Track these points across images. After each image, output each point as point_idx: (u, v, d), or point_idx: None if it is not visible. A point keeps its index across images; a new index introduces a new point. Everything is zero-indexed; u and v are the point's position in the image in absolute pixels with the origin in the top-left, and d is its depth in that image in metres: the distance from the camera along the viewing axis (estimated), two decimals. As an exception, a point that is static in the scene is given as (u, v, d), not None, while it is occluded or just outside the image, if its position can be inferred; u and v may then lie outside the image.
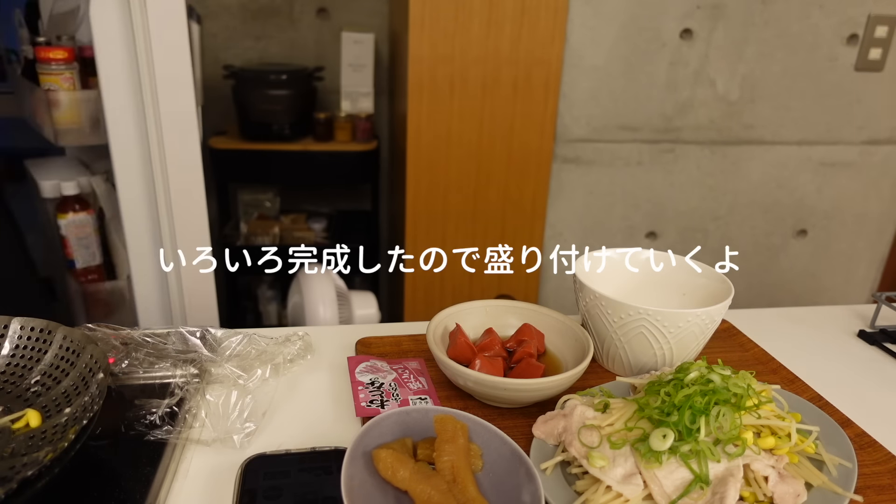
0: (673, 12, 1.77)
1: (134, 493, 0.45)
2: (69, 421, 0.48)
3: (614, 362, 0.64)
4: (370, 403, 0.56)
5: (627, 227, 2.01)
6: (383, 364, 0.62)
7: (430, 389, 0.59)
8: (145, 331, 0.65)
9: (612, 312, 0.60)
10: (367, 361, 0.63)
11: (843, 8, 1.82)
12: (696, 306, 0.63)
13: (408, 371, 0.61)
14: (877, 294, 0.76)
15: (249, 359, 0.65)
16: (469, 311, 0.65)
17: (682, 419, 0.45)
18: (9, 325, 0.56)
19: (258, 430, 0.55)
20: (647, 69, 1.82)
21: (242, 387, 0.60)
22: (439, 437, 0.47)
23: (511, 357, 0.61)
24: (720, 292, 0.63)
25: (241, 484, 0.46)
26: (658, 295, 0.70)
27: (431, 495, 0.43)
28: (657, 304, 0.59)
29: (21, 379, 0.53)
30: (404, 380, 0.60)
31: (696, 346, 0.61)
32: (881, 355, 0.71)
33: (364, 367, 0.62)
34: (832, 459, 0.48)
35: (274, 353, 0.65)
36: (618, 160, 1.94)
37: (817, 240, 2.12)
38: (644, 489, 0.44)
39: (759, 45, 1.84)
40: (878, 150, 2.03)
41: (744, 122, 1.93)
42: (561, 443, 0.50)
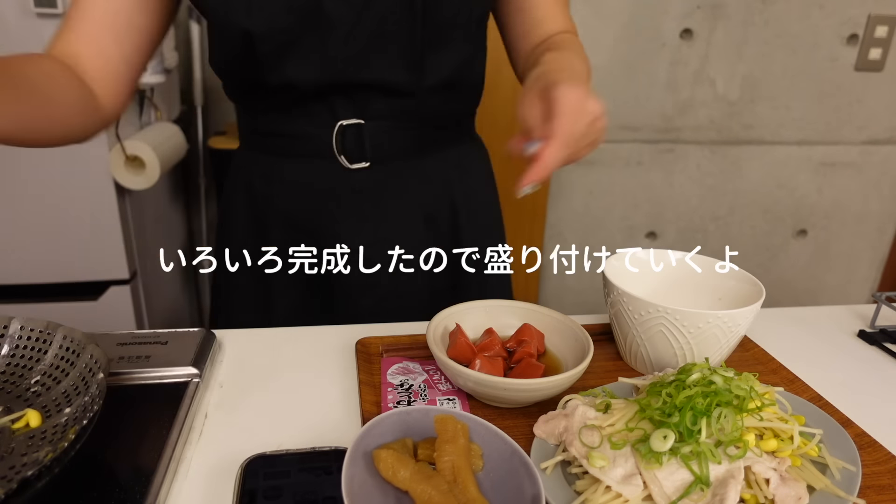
0: (673, 12, 1.77)
1: (134, 493, 0.45)
2: (69, 421, 0.48)
3: (636, 359, 0.64)
4: (397, 405, 0.56)
5: (627, 227, 2.02)
6: (416, 365, 0.62)
7: (460, 391, 0.59)
8: (145, 331, 0.65)
9: (633, 309, 0.60)
10: (400, 363, 0.63)
11: (843, 8, 1.82)
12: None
13: (440, 372, 0.62)
14: (877, 294, 0.76)
15: (249, 358, 0.65)
16: (469, 311, 0.65)
17: (684, 420, 0.45)
18: (9, 325, 0.56)
19: (258, 430, 0.55)
20: (647, 69, 1.82)
21: (242, 387, 0.60)
22: (440, 437, 0.47)
23: (511, 357, 0.61)
24: (752, 297, 0.63)
25: (241, 484, 0.46)
26: (694, 297, 0.69)
27: (432, 495, 0.43)
28: (690, 307, 0.59)
29: (21, 379, 0.53)
30: (435, 381, 0.60)
31: (720, 348, 0.60)
32: (881, 355, 0.71)
33: (396, 368, 0.62)
34: (836, 463, 0.48)
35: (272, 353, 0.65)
36: (618, 160, 1.94)
37: (817, 240, 2.12)
38: (644, 490, 0.44)
39: (759, 45, 1.84)
40: (878, 150, 2.03)
41: (744, 122, 1.93)
42: (561, 442, 0.50)
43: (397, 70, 0.71)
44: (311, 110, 0.74)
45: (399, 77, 0.71)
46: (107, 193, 1.52)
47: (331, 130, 0.74)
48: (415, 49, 0.70)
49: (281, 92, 0.72)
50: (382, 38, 0.69)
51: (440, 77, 0.74)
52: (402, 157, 0.78)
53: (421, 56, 0.71)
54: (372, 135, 0.75)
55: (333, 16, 0.66)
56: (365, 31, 0.68)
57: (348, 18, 0.67)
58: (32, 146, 0.59)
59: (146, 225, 1.69)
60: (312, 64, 0.69)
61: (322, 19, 0.66)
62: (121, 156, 1.48)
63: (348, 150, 0.75)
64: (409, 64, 0.71)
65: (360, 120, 0.74)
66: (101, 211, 1.53)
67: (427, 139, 0.79)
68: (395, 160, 0.77)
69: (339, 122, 0.74)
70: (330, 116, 0.74)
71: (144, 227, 1.68)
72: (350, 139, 0.75)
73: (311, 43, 0.68)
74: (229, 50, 0.70)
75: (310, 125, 0.75)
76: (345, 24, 0.67)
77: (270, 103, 0.75)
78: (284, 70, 0.69)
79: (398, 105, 0.74)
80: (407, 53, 0.70)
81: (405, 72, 0.71)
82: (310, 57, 0.69)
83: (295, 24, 0.66)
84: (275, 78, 0.70)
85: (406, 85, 0.72)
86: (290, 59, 0.69)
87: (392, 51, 0.70)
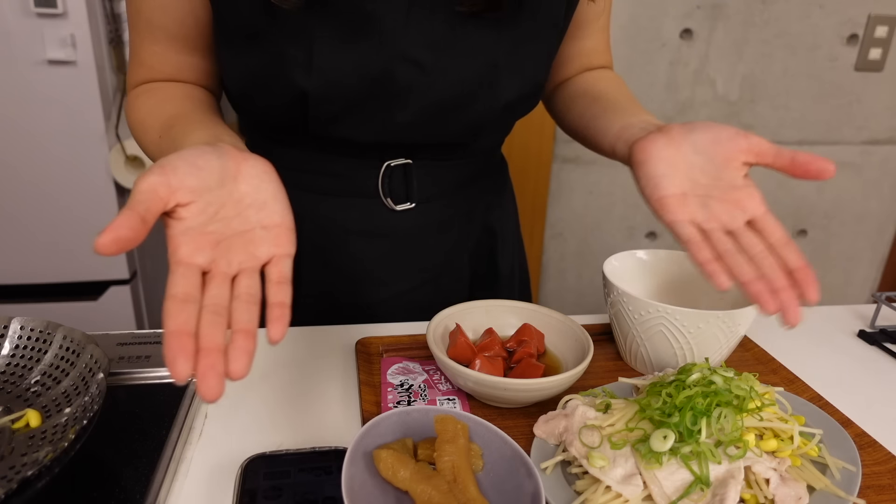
0: (673, 12, 1.77)
1: (134, 493, 0.45)
2: (69, 421, 0.48)
3: (636, 359, 0.64)
4: (397, 405, 0.56)
5: (627, 228, 2.02)
6: (415, 365, 0.62)
7: (459, 391, 0.59)
8: (145, 331, 0.65)
9: (633, 309, 0.60)
10: (400, 363, 0.63)
11: (843, 8, 1.82)
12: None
13: (439, 372, 0.62)
14: (877, 294, 0.76)
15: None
16: (469, 310, 0.65)
17: (684, 420, 0.45)
18: (9, 325, 0.56)
19: (258, 430, 0.55)
20: (647, 69, 1.82)
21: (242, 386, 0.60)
22: (440, 437, 0.47)
23: (511, 357, 0.61)
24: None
25: (241, 484, 0.46)
26: (694, 297, 0.69)
27: (432, 495, 0.43)
28: (690, 307, 0.59)
29: (21, 379, 0.53)
30: (435, 381, 0.60)
31: (720, 348, 0.60)
32: (881, 355, 0.71)
33: (396, 368, 0.62)
34: (836, 463, 0.48)
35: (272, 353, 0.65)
36: (618, 160, 1.94)
37: (817, 240, 2.12)
38: (644, 490, 0.44)
39: (759, 45, 1.84)
40: (878, 150, 2.03)
41: (744, 122, 1.93)
42: (562, 442, 0.50)
43: (461, 134, 0.69)
44: (357, 153, 0.69)
45: (460, 139, 0.70)
46: (107, 193, 1.52)
47: (377, 171, 0.70)
48: (485, 119, 0.67)
49: (326, 141, 0.67)
50: (455, 109, 0.65)
51: (500, 130, 0.74)
52: (447, 196, 0.75)
53: (489, 122, 0.68)
54: (420, 175, 0.71)
55: (405, 84, 0.61)
56: (437, 101, 0.63)
57: (421, 87, 0.62)
58: None
59: (146, 225, 1.69)
60: (370, 128, 0.65)
61: (393, 86, 0.61)
62: (121, 156, 1.48)
63: (394, 191, 0.71)
64: (475, 129, 0.69)
65: (408, 160, 0.70)
66: (101, 211, 1.53)
67: (473, 173, 0.76)
68: (439, 199, 0.74)
69: (387, 163, 0.69)
70: (377, 158, 0.69)
71: (144, 227, 1.67)
72: (397, 179, 0.71)
73: (373, 109, 0.63)
74: (273, 101, 0.64)
75: (353, 167, 0.70)
76: (416, 94, 0.62)
77: (308, 143, 0.69)
78: (337, 129, 0.65)
79: (450, 147, 0.72)
80: (476, 121, 0.67)
81: (467, 134, 0.69)
82: (369, 122, 0.64)
83: (361, 89, 0.61)
84: (322, 133, 0.65)
85: (463, 141, 0.71)
86: (346, 120, 0.64)
87: (462, 119, 0.66)
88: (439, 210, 0.74)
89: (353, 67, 0.59)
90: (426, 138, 0.68)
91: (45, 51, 1.37)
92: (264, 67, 0.61)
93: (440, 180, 0.73)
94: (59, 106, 1.42)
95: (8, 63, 1.38)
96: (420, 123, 0.65)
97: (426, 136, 0.67)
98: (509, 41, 0.63)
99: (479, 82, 0.63)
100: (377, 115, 0.64)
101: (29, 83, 1.40)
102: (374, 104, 0.62)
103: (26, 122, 1.43)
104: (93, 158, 1.47)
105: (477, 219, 0.79)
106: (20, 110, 1.42)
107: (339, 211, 0.72)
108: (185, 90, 0.65)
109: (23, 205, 1.49)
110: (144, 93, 0.64)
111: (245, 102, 0.68)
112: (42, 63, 1.39)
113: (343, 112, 0.63)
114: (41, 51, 1.38)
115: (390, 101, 0.62)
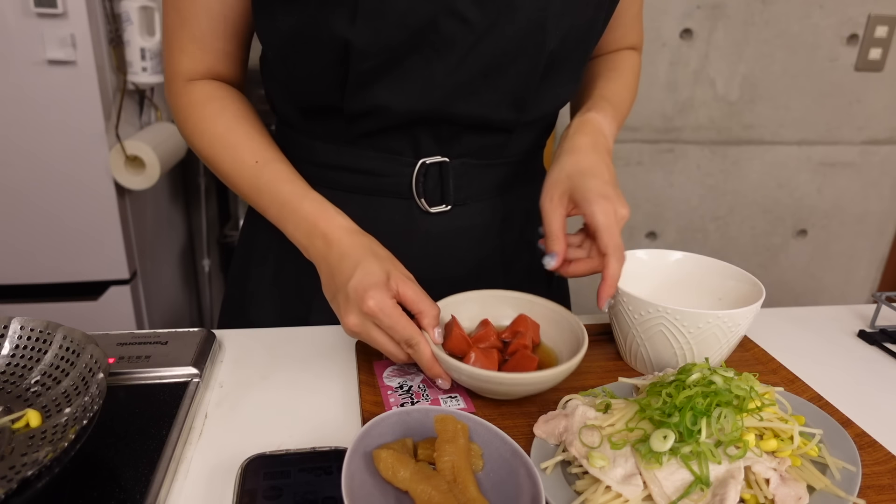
0: (673, 12, 1.77)
1: (134, 493, 0.45)
2: (69, 421, 0.48)
3: (636, 359, 0.64)
4: (401, 407, 0.56)
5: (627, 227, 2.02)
6: (410, 366, 0.62)
7: (461, 387, 0.59)
8: (145, 331, 0.65)
9: (633, 309, 0.60)
10: (394, 365, 0.63)
11: (843, 8, 1.82)
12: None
13: None
14: (877, 294, 0.76)
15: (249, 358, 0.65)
16: (464, 301, 0.65)
17: (684, 420, 0.45)
18: (9, 325, 0.56)
19: (258, 430, 0.55)
20: (647, 69, 1.82)
21: (242, 387, 0.60)
22: (440, 437, 0.47)
23: (506, 349, 0.61)
24: (752, 297, 0.63)
25: (241, 484, 0.46)
26: (694, 297, 0.69)
27: (432, 495, 0.43)
28: (690, 307, 0.59)
29: (21, 379, 0.53)
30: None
31: (720, 348, 0.60)
32: (881, 355, 0.71)
33: (391, 370, 0.62)
34: (836, 463, 0.48)
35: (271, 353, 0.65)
36: (618, 160, 1.94)
37: (817, 240, 2.12)
38: (644, 490, 0.44)
39: (759, 45, 1.84)
40: (878, 150, 2.03)
41: (744, 122, 1.93)
42: (561, 443, 0.50)
43: (502, 106, 0.65)
44: (391, 144, 0.67)
45: (501, 113, 0.66)
46: (107, 193, 1.52)
47: (411, 169, 0.68)
48: (527, 85, 0.64)
49: (361, 119, 0.65)
50: (498, 69, 0.62)
51: (540, 113, 0.69)
52: (484, 200, 0.72)
53: (530, 91, 0.65)
54: (456, 174, 0.69)
55: (448, 38, 0.59)
56: (480, 59, 0.61)
57: (465, 43, 0.59)
58: None
59: (146, 225, 1.70)
60: (410, 89, 0.62)
61: (436, 40, 0.59)
62: (121, 156, 1.48)
63: (429, 191, 0.69)
64: (517, 100, 0.65)
65: (444, 158, 0.68)
66: (101, 211, 1.53)
67: (510, 177, 0.73)
68: (476, 202, 0.72)
69: (422, 161, 0.67)
70: (412, 153, 0.67)
71: (144, 227, 1.68)
72: (432, 179, 0.69)
73: (415, 65, 0.61)
74: (313, 63, 0.62)
75: (387, 161, 0.68)
76: (459, 50, 0.60)
77: (342, 132, 0.67)
78: (376, 93, 0.62)
79: (488, 141, 0.69)
80: (517, 88, 0.64)
81: (509, 108, 0.66)
82: (409, 81, 0.61)
83: (404, 42, 0.59)
84: (360, 102, 0.63)
85: (505, 122, 0.67)
86: (385, 80, 0.61)
87: (502, 85, 0.63)
88: (475, 214, 0.72)
89: (397, 16, 0.57)
90: (467, 108, 0.64)
91: (45, 51, 1.37)
92: (308, 19, 0.60)
93: (477, 181, 0.71)
94: (58, 106, 1.42)
95: (8, 63, 1.38)
96: (461, 86, 0.62)
97: (467, 106, 0.64)
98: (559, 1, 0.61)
99: (525, 39, 0.61)
100: (417, 73, 0.61)
101: (29, 83, 1.40)
102: (415, 59, 0.60)
103: (26, 122, 1.43)
104: (93, 158, 1.47)
105: (514, 228, 0.76)
106: (20, 110, 1.42)
107: (369, 210, 0.69)
108: (247, 111, 0.71)
109: (23, 205, 1.49)
110: (211, 101, 0.69)
111: (283, 70, 0.67)
112: (42, 63, 1.39)
113: (383, 68, 0.61)
114: (41, 51, 1.38)
115: (432, 56, 0.60)
